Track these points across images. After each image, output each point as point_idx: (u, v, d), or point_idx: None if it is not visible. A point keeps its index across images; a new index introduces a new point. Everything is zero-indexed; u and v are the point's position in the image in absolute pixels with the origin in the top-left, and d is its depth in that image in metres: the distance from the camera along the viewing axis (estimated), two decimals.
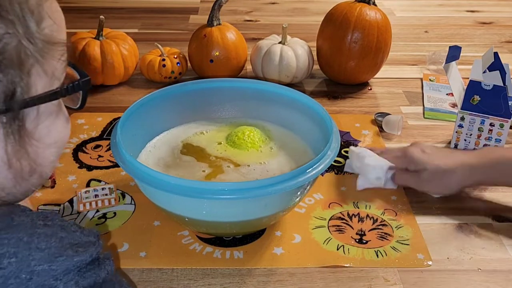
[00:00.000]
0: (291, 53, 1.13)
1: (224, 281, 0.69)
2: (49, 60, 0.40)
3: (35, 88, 0.40)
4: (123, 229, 0.77)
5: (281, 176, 0.65)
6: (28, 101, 0.39)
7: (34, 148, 0.41)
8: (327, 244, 0.75)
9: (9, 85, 0.37)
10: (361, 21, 1.11)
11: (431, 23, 1.63)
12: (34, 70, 0.39)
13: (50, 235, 0.38)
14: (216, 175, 0.78)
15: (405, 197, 0.85)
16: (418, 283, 0.70)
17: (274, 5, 1.77)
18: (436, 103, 1.14)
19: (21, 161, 0.40)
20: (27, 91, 0.39)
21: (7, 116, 0.38)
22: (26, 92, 0.39)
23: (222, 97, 0.90)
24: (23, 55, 0.38)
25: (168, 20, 1.61)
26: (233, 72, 1.18)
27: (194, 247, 0.75)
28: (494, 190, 0.88)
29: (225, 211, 0.69)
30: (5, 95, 0.37)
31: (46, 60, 0.40)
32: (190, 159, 0.81)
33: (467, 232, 0.78)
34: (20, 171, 0.41)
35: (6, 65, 0.37)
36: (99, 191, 0.83)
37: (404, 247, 0.75)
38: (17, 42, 0.37)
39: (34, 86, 0.39)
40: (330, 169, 0.91)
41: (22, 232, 0.37)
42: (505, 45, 1.48)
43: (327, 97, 1.16)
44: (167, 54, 1.17)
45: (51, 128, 0.43)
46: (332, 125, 0.76)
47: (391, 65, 1.30)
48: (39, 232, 0.38)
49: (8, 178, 0.40)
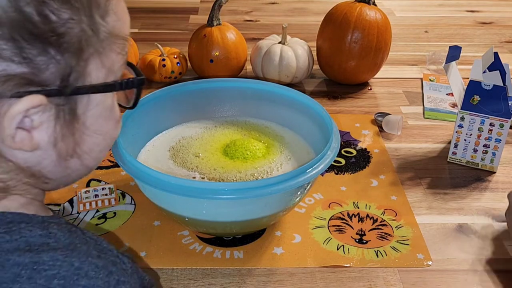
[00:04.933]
0: (291, 53, 1.13)
1: (224, 281, 0.69)
2: (108, 52, 0.42)
3: (91, 77, 0.41)
4: (123, 229, 0.77)
5: (281, 176, 0.65)
6: (82, 87, 0.40)
7: (80, 134, 0.43)
8: (327, 244, 0.75)
9: (66, 68, 0.39)
10: (361, 21, 1.11)
11: (431, 23, 1.63)
12: (92, 59, 0.41)
13: (101, 266, 0.40)
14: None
15: (405, 197, 0.85)
16: (418, 283, 0.70)
17: (274, 5, 1.77)
18: (436, 103, 1.14)
19: (66, 143, 0.42)
20: (83, 78, 0.40)
21: (60, 98, 0.39)
22: (81, 78, 0.40)
23: (222, 97, 0.90)
24: (84, 43, 0.39)
25: (168, 20, 1.61)
26: (233, 72, 1.18)
27: (194, 247, 0.75)
28: (494, 190, 0.88)
29: (225, 211, 0.69)
30: (61, 76, 0.39)
31: (106, 52, 0.42)
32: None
33: (467, 232, 0.78)
34: (64, 152, 0.42)
35: (66, 48, 0.38)
36: (99, 191, 0.83)
37: (404, 247, 0.75)
38: (80, 29, 0.39)
39: (89, 75, 0.41)
40: (330, 169, 0.91)
41: (76, 258, 0.39)
42: (505, 45, 1.48)
43: (327, 97, 1.16)
44: (167, 54, 1.17)
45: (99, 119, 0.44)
46: (332, 125, 0.76)
47: (391, 65, 1.30)
48: (91, 261, 0.39)
49: (52, 157, 0.42)
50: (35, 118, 0.39)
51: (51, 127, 0.40)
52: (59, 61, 0.38)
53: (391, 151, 0.97)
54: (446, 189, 0.88)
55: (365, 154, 0.96)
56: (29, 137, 0.39)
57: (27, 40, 0.36)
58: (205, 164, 0.80)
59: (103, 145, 0.46)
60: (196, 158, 0.81)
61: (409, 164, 0.93)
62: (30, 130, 0.39)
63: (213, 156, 0.81)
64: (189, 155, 0.82)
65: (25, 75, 0.37)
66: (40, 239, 0.40)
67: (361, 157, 0.95)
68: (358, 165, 0.93)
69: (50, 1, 0.37)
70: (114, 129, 0.47)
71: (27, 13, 0.36)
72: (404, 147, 0.99)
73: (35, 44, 0.37)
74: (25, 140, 0.39)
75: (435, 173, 0.92)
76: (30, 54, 0.37)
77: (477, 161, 0.93)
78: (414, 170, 0.92)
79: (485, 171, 0.92)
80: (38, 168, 0.42)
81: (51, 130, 0.40)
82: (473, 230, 0.79)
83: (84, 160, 0.45)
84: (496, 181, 0.90)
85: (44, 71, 0.38)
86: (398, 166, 0.93)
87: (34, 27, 0.36)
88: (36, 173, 0.42)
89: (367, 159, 0.94)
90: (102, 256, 0.41)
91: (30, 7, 0.36)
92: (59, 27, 0.37)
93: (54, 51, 0.38)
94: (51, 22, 0.37)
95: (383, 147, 0.98)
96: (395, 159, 0.95)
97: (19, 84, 0.37)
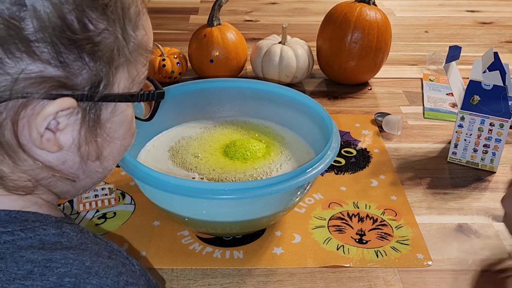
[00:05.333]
0: (291, 53, 1.13)
1: (224, 281, 0.69)
2: (135, 64, 0.44)
3: (118, 86, 0.43)
4: (123, 229, 0.77)
5: (281, 176, 0.65)
6: (109, 95, 0.42)
7: (102, 139, 0.44)
8: (327, 244, 0.75)
9: (97, 75, 0.40)
10: (361, 21, 1.11)
11: (431, 23, 1.63)
12: (121, 69, 0.43)
13: (111, 266, 0.41)
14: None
15: (405, 197, 0.85)
16: (418, 283, 0.69)
17: (274, 5, 1.77)
18: (436, 103, 1.14)
19: (89, 147, 0.43)
20: (111, 86, 0.42)
21: (88, 103, 0.41)
22: (110, 86, 0.42)
23: (222, 97, 0.90)
24: (116, 53, 0.41)
25: (168, 20, 1.61)
26: (233, 72, 1.18)
27: (194, 247, 0.75)
28: (494, 190, 0.88)
29: (225, 211, 0.69)
30: (91, 83, 0.40)
31: (133, 63, 0.44)
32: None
33: (467, 232, 0.78)
34: (87, 156, 0.44)
35: (99, 57, 0.40)
36: (99, 191, 0.83)
37: (404, 247, 0.75)
38: (114, 40, 0.41)
39: (117, 83, 0.43)
40: (330, 169, 0.91)
41: (87, 257, 0.40)
42: (505, 45, 1.48)
43: (327, 97, 1.16)
44: (167, 54, 1.17)
45: (120, 127, 0.46)
46: (332, 125, 0.76)
47: (391, 65, 1.30)
48: (102, 261, 0.41)
49: (75, 159, 0.43)
50: (61, 120, 0.40)
51: (76, 130, 0.41)
52: (91, 68, 0.40)
53: (391, 151, 0.97)
54: (446, 189, 0.88)
55: (365, 154, 0.96)
56: (54, 138, 0.40)
57: (65, 45, 0.38)
58: (204, 164, 0.80)
59: (121, 151, 0.48)
60: (195, 158, 0.81)
61: (409, 164, 0.93)
62: (55, 131, 0.40)
63: (213, 157, 0.81)
64: (188, 156, 0.82)
65: (60, 79, 0.38)
66: (53, 238, 0.41)
67: (361, 157, 0.95)
68: (358, 165, 0.93)
69: (89, 11, 0.39)
70: (130, 139, 0.49)
71: (69, 20, 0.37)
72: (404, 147, 0.99)
73: (72, 49, 0.38)
74: (50, 141, 0.40)
75: (435, 173, 0.92)
76: (67, 59, 0.38)
77: (477, 161, 0.93)
78: (414, 170, 0.92)
79: (485, 171, 0.92)
80: (61, 168, 0.43)
81: (76, 133, 0.42)
82: (473, 230, 0.79)
83: (104, 164, 0.47)
84: (496, 181, 0.90)
85: (78, 76, 0.39)
86: (398, 166, 0.93)
87: (73, 33, 0.38)
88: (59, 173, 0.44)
89: (367, 159, 0.94)
90: (113, 256, 0.42)
91: (72, 15, 0.38)
92: (95, 36, 0.39)
93: (89, 58, 0.39)
94: (89, 31, 0.39)
95: (383, 147, 0.98)
96: (395, 159, 0.95)
97: (53, 86, 0.38)
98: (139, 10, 0.45)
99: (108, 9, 0.40)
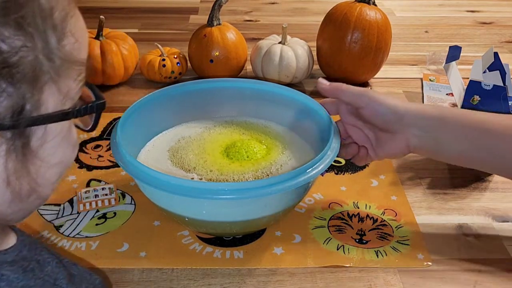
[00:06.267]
0: (291, 53, 1.13)
1: (224, 281, 0.69)
2: (65, 79, 0.38)
3: (46, 106, 0.37)
4: (123, 229, 0.77)
5: (281, 176, 0.65)
6: (37, 118, 0.37)
7: (36, 168, 0.39)
8: (327, 244, 0.75)
9: (19, 100, 0.35)
10: (361, 21, 1.11)
11: (431, 23, 1.63)
12: (47, 87, 0.37)
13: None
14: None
15: (405, 197, 0.85)
16: (418, 283, 0.69)
17: (274, 5, 1.77)
18: (436, 103, 1.14)
19: (21, 180, 0.38)
20: (37, 108, 0.37)
21: (12, 132, 0.36)
22: (36, 109, 0.36)
23: (222, 97, 0.90)
24: (38, 71, 0.36)
25: (168, 20, 1.61)
26: (233, 72, 1.18)
27: (194, 247, 0.75)
28: (494, 190, 0.88)
29: (225, 211, 0.69)
30: (13, 110, 0.35)
31: (62, 78, 0.38)
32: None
33: (467, 232, 0.78)
34: (19, 191, 0.38)
35: (19, 79, 0.35)
36: (99, 191, 0.83)
37: (404, 247, 0.75)
38: (34, 57, 0.35)
39: (45, 103, 0.37)
40: (330, 169, 0.91)
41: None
42: (505, 45, 1.48)
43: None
44: (167, 54, 1.17)
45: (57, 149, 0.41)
46: (332, 125, 0.76)
47: (391, 65, 1.30)
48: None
49: (6, 196, 0.38)
50: None
51: (1, 164, 0.36)
52: (11, 94, 0.34)
53: None
54: (446, 189, 0.88)
55: None
56: None
57: None
58: (203, 165, 0.80)
59: (61, 174, 0.43)
60: (194, 159, 0.81)
61: (409, 164, 0.93)
62: None
63: (212, 157, 0.81)
64: (187, 156, 0.82)
65: None
66: None
67: None
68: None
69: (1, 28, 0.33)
70: (71, 154, 0.44)
71: None
72: None
73: None
74: None
75: (435, 173, 0.92)
76: None
77: None
78: (414, 170, 0.92)
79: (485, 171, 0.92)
80: None
81: (2, 168, 0.36)
82: (473, 230, 0.79)
83: (41, 193, 0.42)
84: (496, 181, 0.90)
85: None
86: (398, 166, 0.93)
87: None
88: None
89: None
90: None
91: None
92: (11, 56, 0.34)
93: (6, 83, 0.34)
94: (2, 53, 0.33)
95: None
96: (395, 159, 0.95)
97: None
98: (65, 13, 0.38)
99: (25, 22, 0.34)
